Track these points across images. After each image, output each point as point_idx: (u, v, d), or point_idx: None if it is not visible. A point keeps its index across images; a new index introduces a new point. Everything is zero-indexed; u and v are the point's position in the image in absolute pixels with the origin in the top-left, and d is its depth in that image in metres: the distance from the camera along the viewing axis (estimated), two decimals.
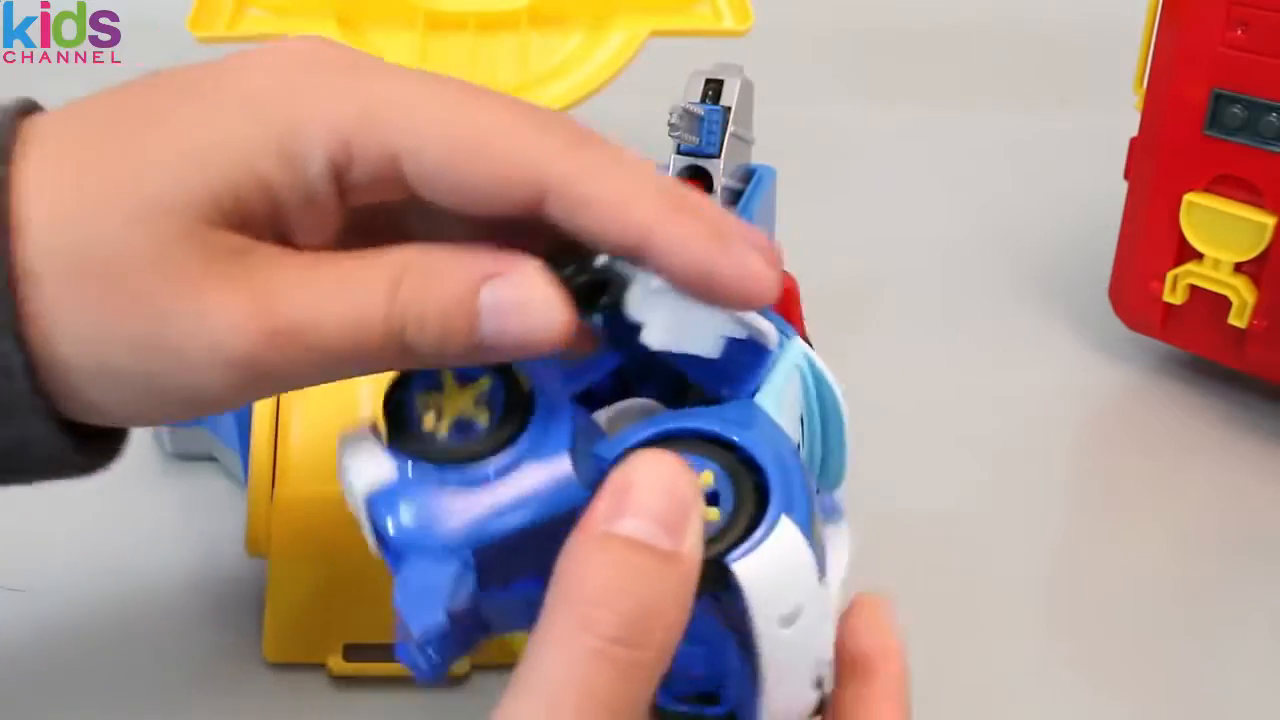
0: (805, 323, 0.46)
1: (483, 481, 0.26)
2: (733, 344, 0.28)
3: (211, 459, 0.48)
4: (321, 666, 0.40)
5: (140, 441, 0.49)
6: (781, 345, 0.29)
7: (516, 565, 0.26)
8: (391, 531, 0.26)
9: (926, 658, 0.42)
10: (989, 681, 0.41)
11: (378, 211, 0.27)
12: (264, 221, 0.26)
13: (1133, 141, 0.53)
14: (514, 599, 0.27)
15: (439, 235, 0.27)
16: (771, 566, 0.25)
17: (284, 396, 0.42)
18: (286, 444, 0.42)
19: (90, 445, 0.27)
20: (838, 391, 0.31)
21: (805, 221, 0.57)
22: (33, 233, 0.24)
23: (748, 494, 0.26)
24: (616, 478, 0.24)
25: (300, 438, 0.42)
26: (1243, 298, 0.49)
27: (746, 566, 0.24)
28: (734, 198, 0.49)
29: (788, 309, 0.29)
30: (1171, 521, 0.48)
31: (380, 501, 0.26)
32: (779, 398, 0.29)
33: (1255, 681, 0.41)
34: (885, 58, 0.90)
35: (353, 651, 0.40)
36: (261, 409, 0.42)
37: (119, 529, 0.46)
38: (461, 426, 0.27)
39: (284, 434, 0.42)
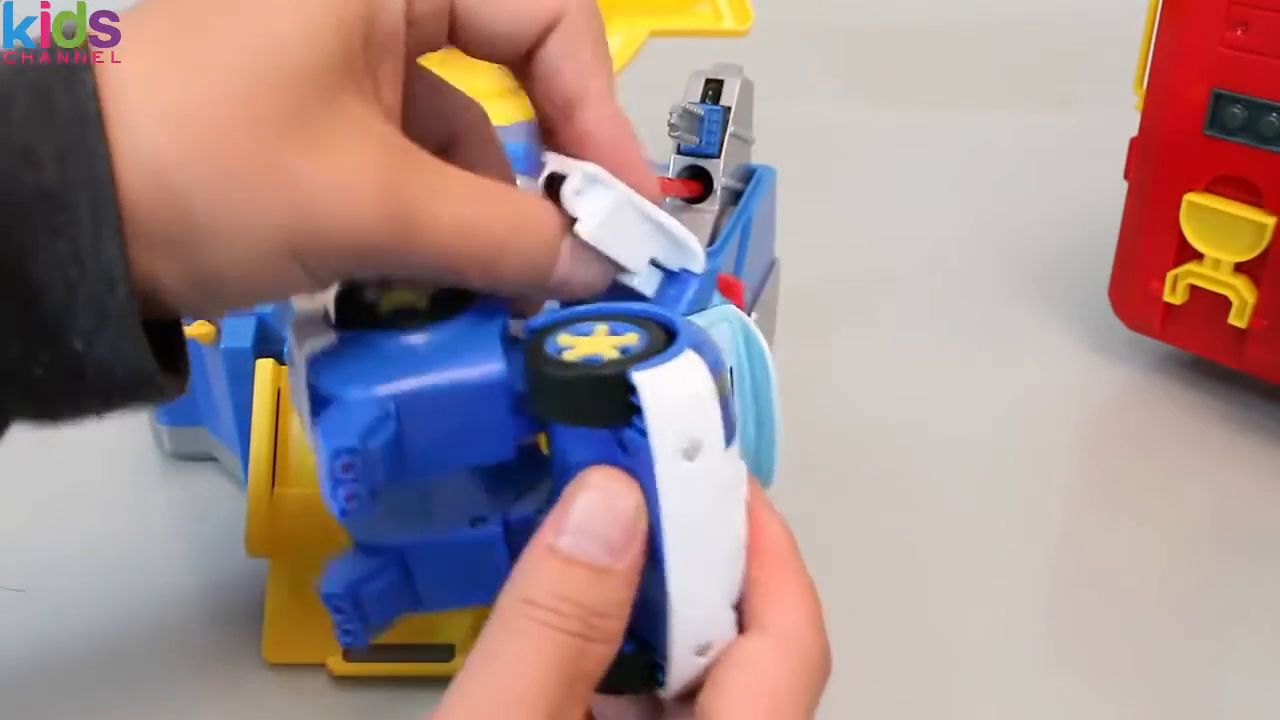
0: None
1: (413, 349, 0.28)
2: (664, 283, 0.31)
3: (211, 459, 0.48)
4: (321, 666, 0.40)
5: (140, 441, 0.49)
6: (714, 300, 0.32)
7: (436, 436, 0.27)
8: (323, 383, 0.27)
9: (927, 657, 0.42)
10: (989, 681, 0.41)
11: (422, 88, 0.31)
12: (362, 70, 0.27)
13: (1133, 141, 0.53)
14: (441, 545, 0.29)
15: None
16: (672, 385, 0.25)
17: (284, 398, 0.42)
18: (286, 444, 0.42)
19: (167, 368, 0.28)
20: (768, 354, 0.33)
21: (805, 221, 0.58)
22: (146, 134, 0.25)
23: (659, 340, 0.27)
24: (567, 490, 0.26)
25: (300, 438, 0.42)
26: (1243, 298, 0.49)
27: (647, 379, 0.25)
28: (734, 198, 0.49)
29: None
30: (1171, 521, 0.48)
31: (318, 361, 0.28)
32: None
33: (1255, 681, 0.41)
34: (885, 58, 0.90)
35: (352, 651, 0.40)
36: (261, 409, 0.42)
37: (119, 529, 0.46)
38: (402, 312, 0.29)
39: (284, 434, 0.42)
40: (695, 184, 0.48)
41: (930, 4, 0.93)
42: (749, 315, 0.51)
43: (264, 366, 0.42)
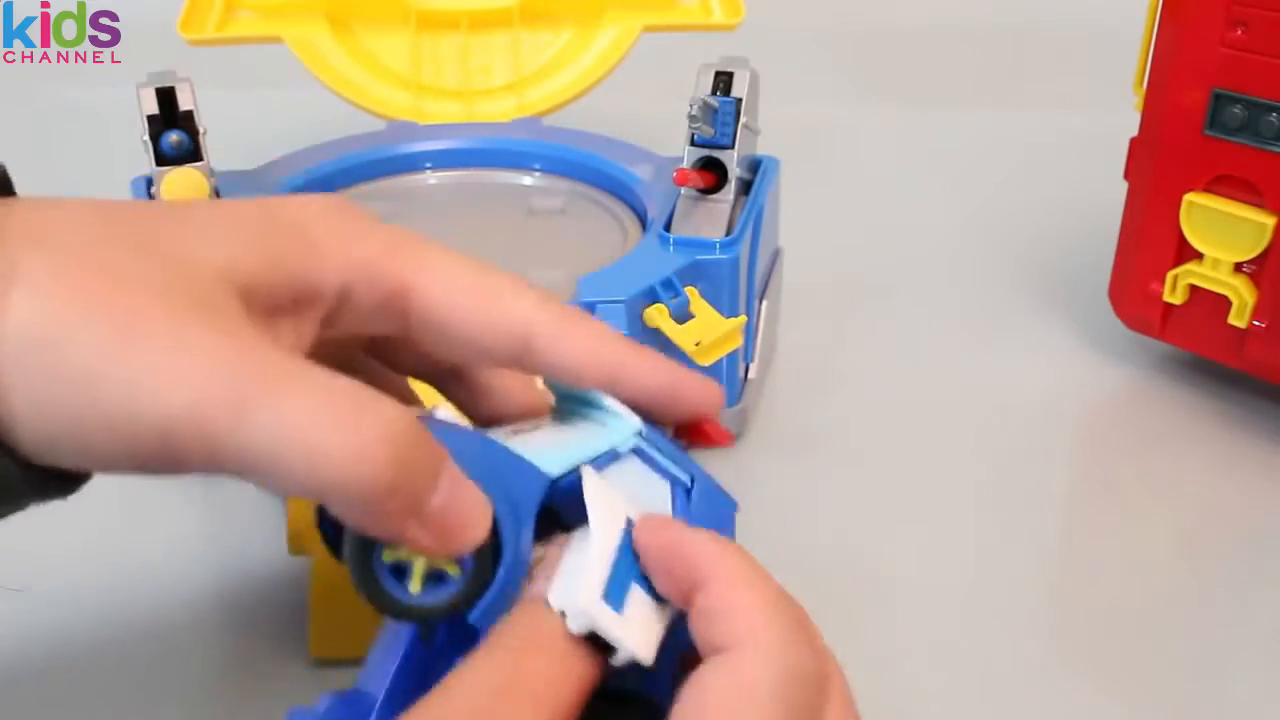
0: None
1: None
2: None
3: None
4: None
5: None
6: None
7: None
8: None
9: (926, 657, 0.42)
10: (989, 681, 0.41)
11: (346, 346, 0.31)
12: (260, 308, 0.27)
13: (1133, 141, 0.53)
14: None
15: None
16: None
17: None
18: None
19: (50, 480, 0.27)
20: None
21: (804, 221, 0.58)
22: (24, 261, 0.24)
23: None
24: None
25: None
26: (1243, 298, 0.49)
27: None
28: (743, 188, 0.49)
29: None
30: (1171, 521, 0.48)
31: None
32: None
33: (1255, 681, 0.41)
34: (885, 57, 0.90)
35: None
36: None
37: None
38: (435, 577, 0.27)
39: None
40: (710, 175, 0.48)
41: (931, 4, 0.94)
42: (760, 303, 0.51)
43: None
